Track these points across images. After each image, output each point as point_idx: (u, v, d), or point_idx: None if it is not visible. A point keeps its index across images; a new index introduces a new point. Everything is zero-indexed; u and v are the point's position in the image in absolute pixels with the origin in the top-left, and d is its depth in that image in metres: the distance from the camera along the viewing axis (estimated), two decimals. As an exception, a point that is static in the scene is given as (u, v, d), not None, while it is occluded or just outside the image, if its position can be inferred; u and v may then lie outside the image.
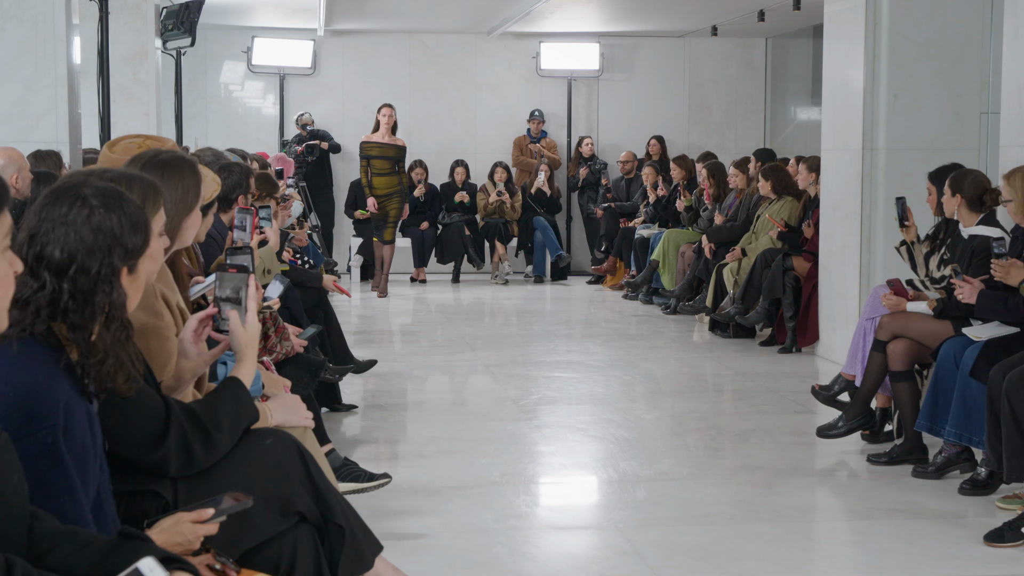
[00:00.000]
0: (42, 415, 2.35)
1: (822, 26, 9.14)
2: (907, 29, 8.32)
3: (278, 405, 3.35)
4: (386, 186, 12.86)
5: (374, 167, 12.82)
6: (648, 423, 6.96)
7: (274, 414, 3.29)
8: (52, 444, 2.35)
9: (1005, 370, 5.05)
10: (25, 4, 7.35)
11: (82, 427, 2.43)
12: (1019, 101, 6.60)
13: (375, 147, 12.77)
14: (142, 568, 1.86)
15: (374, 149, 12.77)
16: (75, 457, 2.39)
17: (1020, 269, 5.24)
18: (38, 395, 2.35)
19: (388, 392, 7.88)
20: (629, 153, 14.92)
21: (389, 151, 12.76)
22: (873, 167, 8.42)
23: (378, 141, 12.72)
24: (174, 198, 3.45)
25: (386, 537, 3.55)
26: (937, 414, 5.60)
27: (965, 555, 4.64)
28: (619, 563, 4.54)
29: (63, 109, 7.41)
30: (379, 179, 12.86)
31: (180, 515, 2.54)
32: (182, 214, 3.49)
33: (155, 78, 11.15)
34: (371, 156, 12.79)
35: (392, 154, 12.78)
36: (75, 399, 2.42)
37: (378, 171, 12.82)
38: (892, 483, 5.65)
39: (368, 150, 12.85)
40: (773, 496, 5.45)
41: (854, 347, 6.55)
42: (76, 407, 2.42)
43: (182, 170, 3.53)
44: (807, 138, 14.40)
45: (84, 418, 2.44)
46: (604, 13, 13.99)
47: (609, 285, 13.93)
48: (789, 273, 9.35)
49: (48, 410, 2.35)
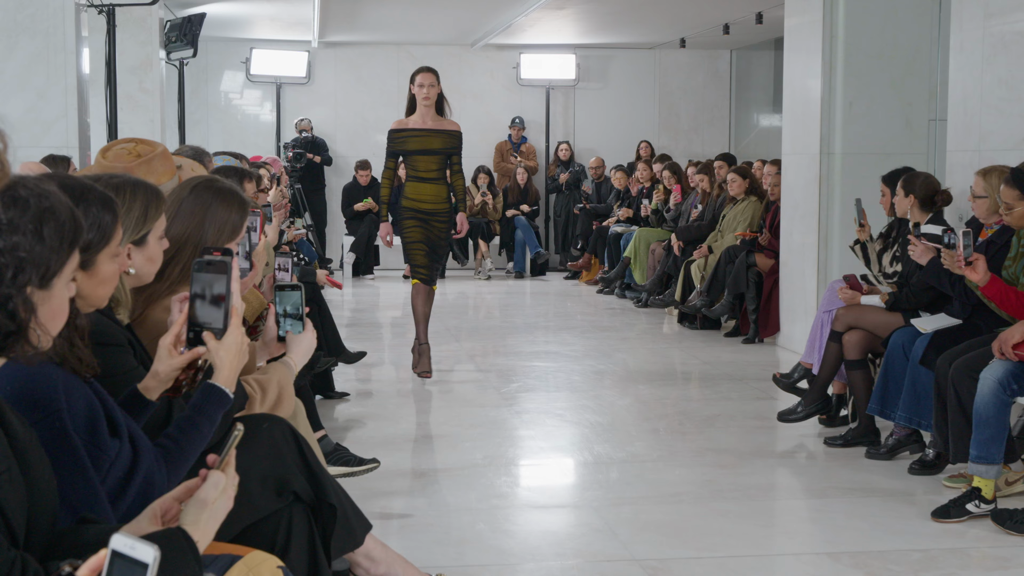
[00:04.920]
0: (45, 400, 2.29)
1: (783, 39, 9.16)
2: (861, 42, 8.34)
3: (296, 355, 3.30)
4: (431, 197, 7.60)
5: (412, 167, 7.62)
6: (620, 409, 6.97)
7: (297, 362, 3.29)
8: (61, 428, 2.29)
9: (951, 359, 5.08)
10: (37, 18, 7.32)
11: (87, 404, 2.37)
12: (964, 109, 6.63)
13: (411, 137, 7.56)
14: (118, 547, 1.63)
15: (411, 141, 7.56)
16: (83, 437, 2.35)
17: (978, 272, 5.11)
18: (35, 382, 2.29)
19: (378, 380, 7.87)
20: (598, 159, 15.04)
21: (433, 141, 7.54)
22: (830, 170, 8.44)
23: (416, 127, 7.57)
24: (220, 224, 3.41)
25: (376, 516, 3.56)
26: (888, 399, 5.62)
27: (914, 530, 4.65)
28: (593, 539, 4.55)
29: (73, 116, 7.39)
30: (419, 187, 7.60)
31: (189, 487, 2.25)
32: (224, 240, 3.43)
33: (160, 87, 11.12)
34: (406, 151, 7.61)
35: (438, 145, 7.55)
36: (71, 379, 2.36)
37: (419, 174, 7.59)
38: (847, 464, 5.67)
39: (401, 142, 7.60)
40: (737, 476, 5.46)
41: (812, 338, 6.58)
42: (74, 387, 2.37)
43: (232, 202, 3.47)
44: (769, 143, 14.42)
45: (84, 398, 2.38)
46: (580, 26, 13.99)
47: (585, 280, 13.96)
48: (752, 269, 9.38)
49: (49, 395, 2.29)
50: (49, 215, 1.94)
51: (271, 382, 3.20)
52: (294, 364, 3.28)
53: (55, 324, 2.01)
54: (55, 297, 1.98)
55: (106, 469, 2.39)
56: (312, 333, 3.32)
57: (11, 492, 1.91)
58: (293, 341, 3.28)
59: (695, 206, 11.20)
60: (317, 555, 2.94)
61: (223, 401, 2.65)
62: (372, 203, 14.56)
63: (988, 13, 6.44)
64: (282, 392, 3.21)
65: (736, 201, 10.17)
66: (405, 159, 7.65)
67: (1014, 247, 5.28)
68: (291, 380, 3.27)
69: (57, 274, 1.96)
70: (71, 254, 1.99)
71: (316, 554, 2.94)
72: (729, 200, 10.33)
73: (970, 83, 6.58)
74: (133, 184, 2.94)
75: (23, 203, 1.91)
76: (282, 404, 3.20)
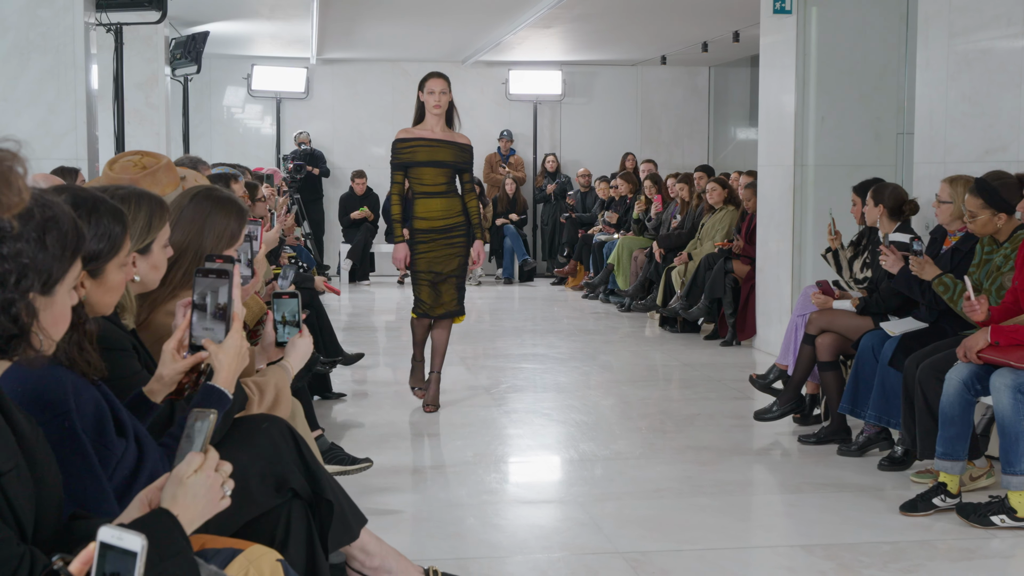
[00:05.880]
0: (55, 402, 2.29)
1: (758, 56, 9.18)
2: (833, 59, 8.37)
3: (292, 359, 3.30)
4: (440, 214, 6.60)
5: (417, 180, 6.60)
6: (605, 408, 6.96)
7: (293, 366, 3.28)
8: (70, 428, 2.29)
9: (919, 361, 5.09)
10: (48, 36, 7.31)
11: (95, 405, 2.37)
12: (930, 123, 6.65)
13: (420, 147, 6.55)
14: (105, 538, 1.61)
15: (419, 151, 6.54)
16: (91, 436, 2.34)
17: (931, 268, 5.29)
18: (46, 384, 2.28)
19: (373, 382, 7.86)
20: (586, 170, 15.06)
21: (443, 153, 6.54)
22: (803, 181, 8.47)
23: (424, 137, 6.56)
24: (219, 231, 3.42)
25: (371, 511, 3.55)
26: (858, 399, 5.63)
27: (883, 523, 4.66)
28: (579, 533, 4.54)
29: (82, 130, 7.37)
30: (428, 203, 6.59)
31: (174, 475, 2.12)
32: (223, 247, 3.42)
33: (165, 102, 11.11)
34: (413, 163, 6.56)
35: (447, 157, 6.56)
36: (79, 381, 2.36)
37: (426, 188, 6.57)
38: (820, 460, 5.68)
39: (407, 152, 6.57)
40: (715, 473, 5.46)
41: (787, 340, 6.59)
42: (83, 388, 2.36)
43: (230, 209, 3.48)
44: (745, 155, 14.46)
45: (92, 399, 2.38)
46: (566, 44, 14.00)
47: (570, 286, 13.96)
48: (729, 275, 9.39)
49: (59, 397, 2.29)
50: (52, 224, 1.94)
51: (268, 384, 3.19)
52: (291, 368, 3.28)
53: (57, 329, 2.01)
54: (57, 303, 1.98)
55: (113, 467, 2.39)
56: (308, 339, 3.31)
57: (19, 489, 1.91)
58: (290, 346, 3.28)
59: (675, 215, 11.24)
60: (315, 549, 2.93)
61: (222, 402, 2.65)
62: (368, 212, 14.60)
63: (952, 33, 6.46)
64: (279, 394, 3.20)
65: (714, 210, 10.22)
66: (410, 173, 6.58)
67: (978, 254, 5.31)
68: (288, 383, 3.27)
69: (59, 281, 1.97)
70: (73, 262, 1.99)
71: (314, 548, 2.93)
72: (707, 209, 10.38)
73: (936, 99, 6.60)
74: (138, 195, 2.93)
75: (28, 213, 1.91)
76: (279, 406, 3.19)
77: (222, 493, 2.07)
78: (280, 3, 11.17)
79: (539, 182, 15.62)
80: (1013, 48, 5.99)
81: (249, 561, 2.36)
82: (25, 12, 7.29)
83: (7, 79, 7.32)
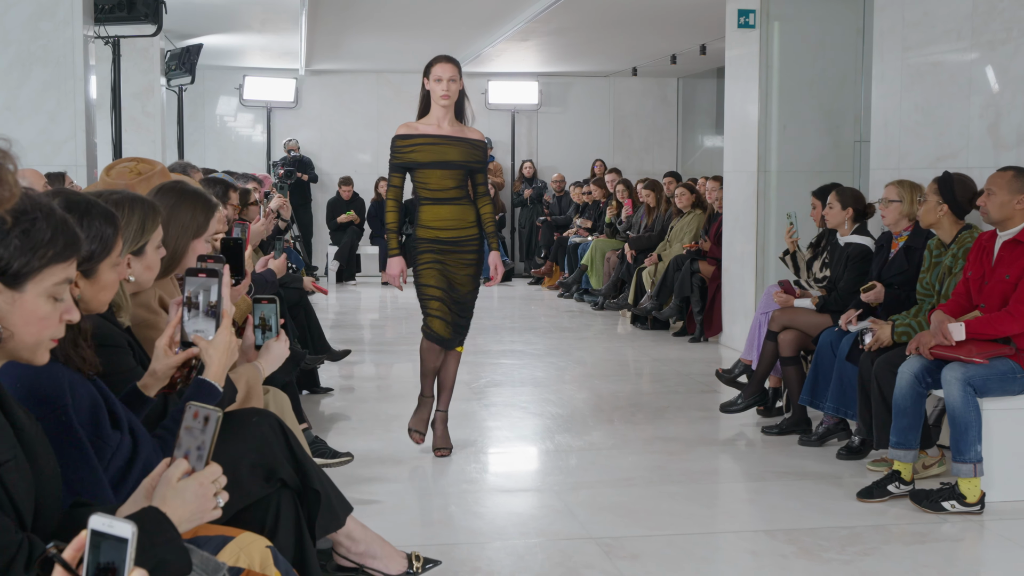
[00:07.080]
0: (52, 397, 2.27)
1: (724, 68, 9.20)
2: (794, 71, 8.40)
3: (265, 361, 3.27)
4: (452, 222, 5.35)
5: (422, 184, 5.36)
6: (579, 401, 6.96)
7: (265, 368, 3.25)
8: (67, 421, 2.28)
9: (874, 356, 5.11)
10: (49, 48, 7.25)
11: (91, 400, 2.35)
12: (885, 132, 6.68)
13: (423, 145, 5.29)
14: (96, 526, 1.59)
15: (422, 150, 5.30)
16: (87, 430, 2.33)
17: (885, 330, 5.16)
18: (43, 380, 2.27)
19: (359, 377, 7.84)
20: (560, 175, 15.08)
21: (452, 152, 5.28)
22: (766, 186, 8.49)
23: (429, 133, 5.30)
24: (184, 222, 3.40)
25: (356, 500, 3.54)
26: (818, 392, 5.65)
27: (841, 509, 4.68)
28: (555, 520, 4.54)
29: (81, 137, 7.32)
30: (436, 210, 5.35)
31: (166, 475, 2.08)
32: (187, 238, 3.41)
33: (161, 111, 11.06)
34: (416, 164, 5.32)
35: (456, 157, 5.29)
36: (75, 376, 2.34)
37: (432, 193, 5.33)
38: (782, 450, 5.69)
39: (409, 152, 5.32)
40: (683, 462, 5.47)
41: (751, 337, 6.60)
42: (78, 384, 2.35)
43: (196, 202, 3.47)
44: (712, 162, 14.49)
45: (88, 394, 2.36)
46: (542, 56, 14.01)
47: (547, 286, 13.96)
48: (696, 275, 9.41)
49: (56, 392, 2.28)
50: (25, 219, 1.89)
51: (240, 380, 3.17)
52: (263, 369, 3.24)
53: (28, 330, 1.95)
54: (28, 302, 1.93)
55: (108, 459, 2.38)
56: (285, 343, 3.28)
57: (18, 479, 1.89)
58: (265, 349, 3.26)
59: (643, 218, 11.25)
60: (303, 536, 2.92)
61: (212, 395, 2.66)
62: (354, 216, 14.60)
63: (906, 47, 6.49)
64: (250, 390, 3.18)
65: (683, 214, 10.24)
66: (413, 175, 5.36)
67: (927, 260, 5.33)
68: (259, 381, 3.24)
69: (27, 277, 1.91)
70: (50, 264, 1.92)
71: (302, 535, 2.92)
72: (676, 213, 10.40)
73: (890, 109, 6.63)
74: (131, 199, 2.91)
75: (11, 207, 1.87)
76: (250, 401, 3.18)
77: (215, 503, 2.04)
78: (270, 17, 11.13)
79: (517, 187, 15.62)
80: (962, 61, 6.02)
81: (240, 548, 2.35)
82: (27, 26, 7.23)
83: (10, 89, 7.27)
